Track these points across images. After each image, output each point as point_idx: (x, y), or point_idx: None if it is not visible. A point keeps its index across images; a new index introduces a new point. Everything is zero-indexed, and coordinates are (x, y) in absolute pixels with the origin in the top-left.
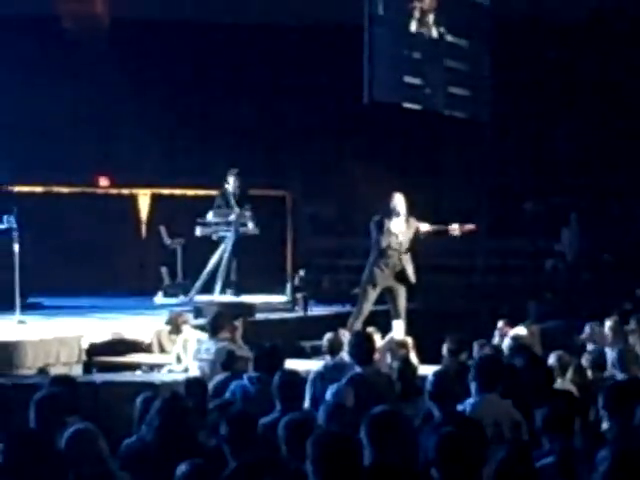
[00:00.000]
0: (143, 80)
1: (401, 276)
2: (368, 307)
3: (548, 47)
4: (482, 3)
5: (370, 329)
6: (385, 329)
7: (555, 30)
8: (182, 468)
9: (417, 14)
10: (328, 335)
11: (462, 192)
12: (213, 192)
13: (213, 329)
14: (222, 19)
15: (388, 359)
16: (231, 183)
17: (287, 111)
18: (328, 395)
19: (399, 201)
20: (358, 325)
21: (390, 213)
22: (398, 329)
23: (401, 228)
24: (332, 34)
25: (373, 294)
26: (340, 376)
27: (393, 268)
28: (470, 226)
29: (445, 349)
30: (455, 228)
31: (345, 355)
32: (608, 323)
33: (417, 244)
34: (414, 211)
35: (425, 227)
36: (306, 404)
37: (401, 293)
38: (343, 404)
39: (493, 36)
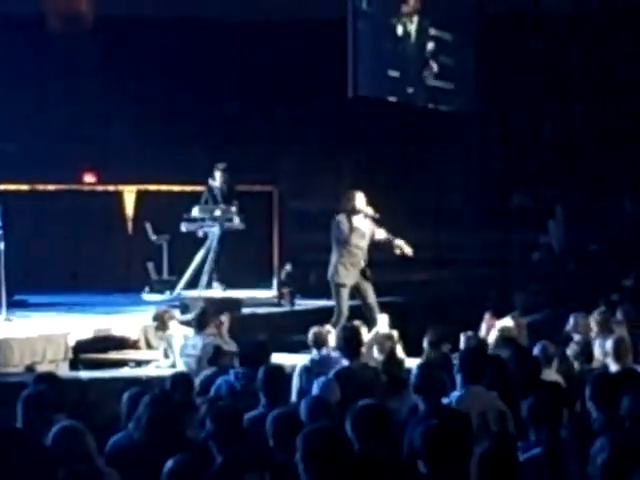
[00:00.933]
0: (129, 77)
1: (364, 273)
2: (345, 306)
3: (533, 39)
4: None
5: (357, 322)
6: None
7: (540, 22)
8: (169, 464)
9: (402, 11)
10: (314, 329)
11: (448, 185)
12: (199, 188)
13: (199, 324)
14: (207, 16)
15: (375, 353)
16: (218, 178)
17: (274, 106)
18: (315, 389)
19: (361, 200)
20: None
21: (354, 212)
22: (383, 322)
23: (365, 227)
24: (317, 29)
25: (345, 292)
26: (327, 370)
27: (357, 266)
28: (409, 252)
29: (426, 341)
30: (399, 245)
31: (331, 349)
32: (595, 315)
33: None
34: (400, 207)
35: (381, 234)
36: (293, 398)
37: (368, 288)
38: (324, 399)
39: (478, 29)
